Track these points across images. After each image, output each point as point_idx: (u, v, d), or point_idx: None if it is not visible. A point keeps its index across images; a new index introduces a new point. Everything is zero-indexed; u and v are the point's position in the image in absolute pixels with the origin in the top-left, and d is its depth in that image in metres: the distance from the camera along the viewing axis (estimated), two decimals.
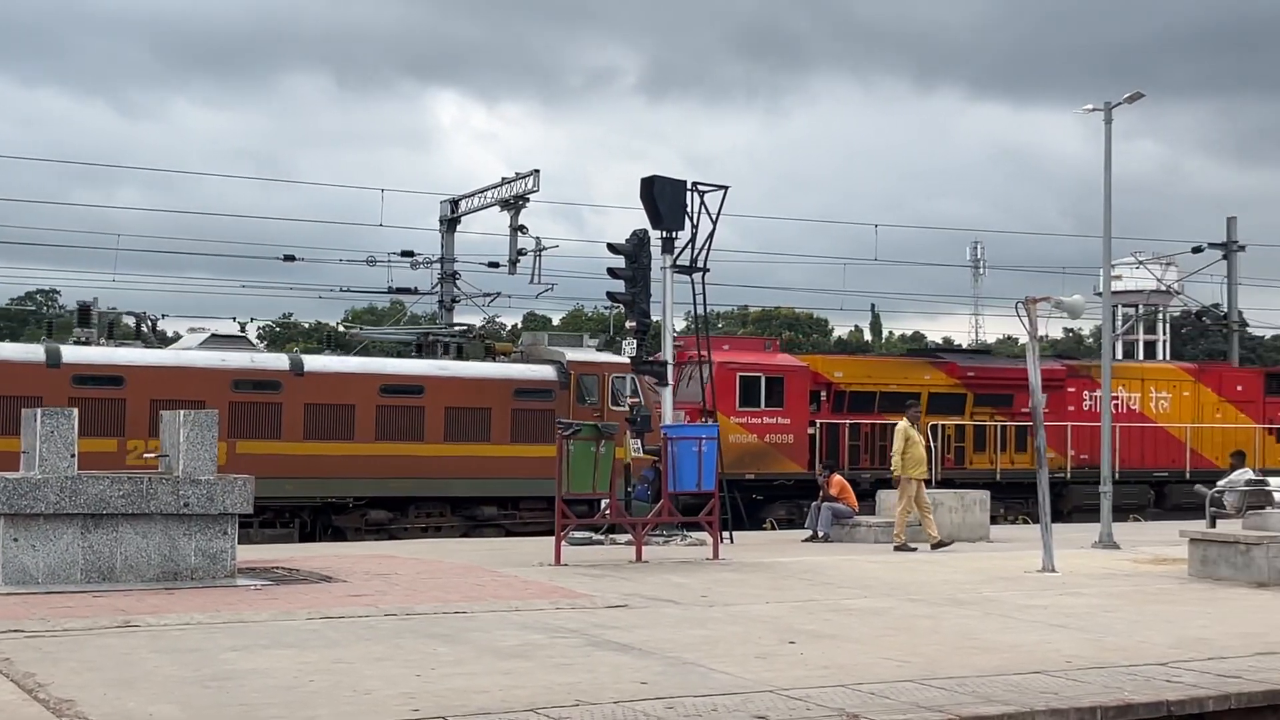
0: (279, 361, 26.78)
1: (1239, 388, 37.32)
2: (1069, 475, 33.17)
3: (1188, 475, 35.03)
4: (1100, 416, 33.50)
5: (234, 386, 25.20)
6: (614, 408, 27.67)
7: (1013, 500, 32.57)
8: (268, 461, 24.29)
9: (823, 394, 31.52)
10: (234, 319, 31.39)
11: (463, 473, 26.93)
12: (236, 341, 27.34)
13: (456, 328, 32.36)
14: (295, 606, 13.20)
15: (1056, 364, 35.31)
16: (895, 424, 31.10)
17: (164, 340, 30.31)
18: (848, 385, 31.84)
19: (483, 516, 27.28)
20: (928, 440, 32.69)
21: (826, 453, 30.54)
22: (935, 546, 21.27)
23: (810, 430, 30.72)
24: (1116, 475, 32.15)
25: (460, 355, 29.20)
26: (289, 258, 42.08)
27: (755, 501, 29.96)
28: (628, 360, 28.50)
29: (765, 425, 30.00)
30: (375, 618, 12.69)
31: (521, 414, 27.58)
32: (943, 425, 32.27)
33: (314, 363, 27.01)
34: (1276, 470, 35.61)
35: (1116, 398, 34.05)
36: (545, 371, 28.20)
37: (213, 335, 27.45)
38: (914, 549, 21.19)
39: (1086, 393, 34.58)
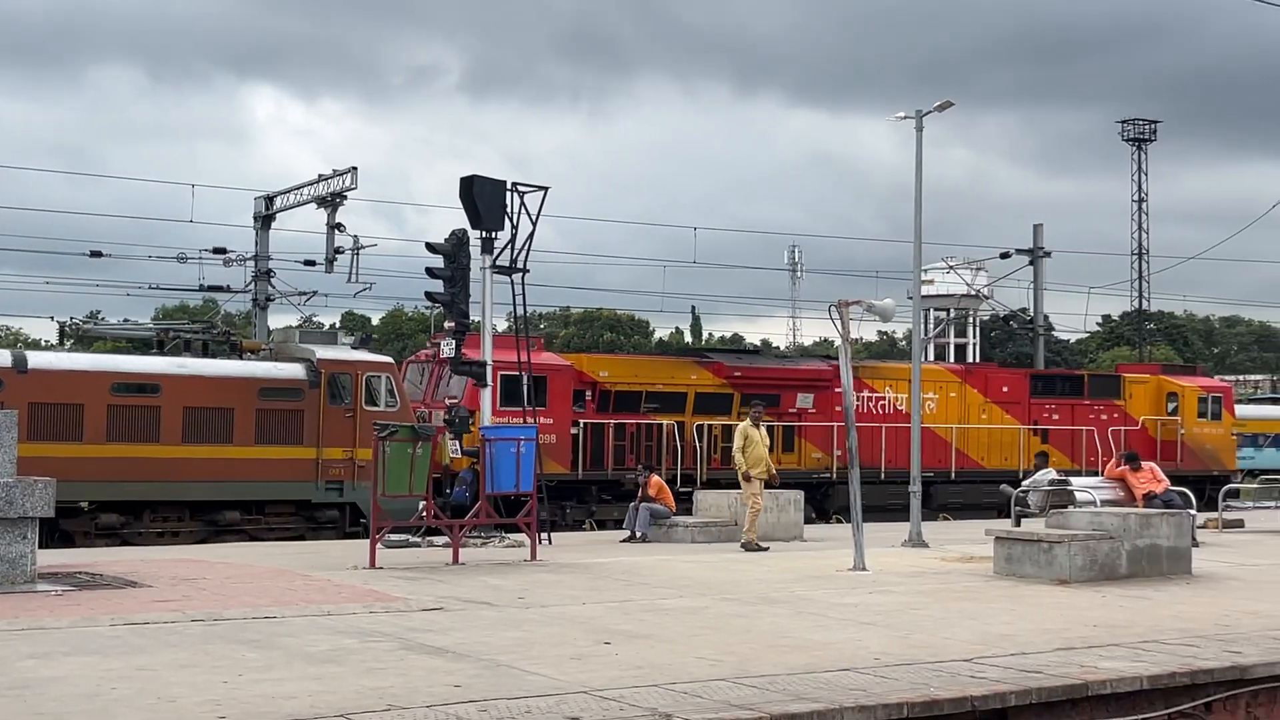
0: (0, 358, 25.39)
1: (1005, 389, 37.47)
2: (834, 475, 32.86)
3: (953, 475, 35.48)
4: (871, 417, 33.60)
5: None
6: (369, 407, 26.90)
7: None
8: None
9: (588, 393, 31.01)
10: None
11: (203, 475, 25.81)
12: None
13: (198, 324, 31.24)
14: (98, 612, 12.83)
15: (823, 363, 35.25)
16: (661, 424, 31.03)
17: None
18: (613, 385, 31.38)
19: (224, 521, 26.13)
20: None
21: (591, 453, 30.27)
22: (746, 547, 21.40)
23: (574, 430, 30.27)
24: (883, 475, 32.56)
25: (205, 353, 28.10)
26: (96, 254, 41.03)
27: (517, 502, 29.41)
28: (384, 360, 27.82)
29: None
30: (182, 623, 12.40)
31: (268, 414, 26.56)
32: (709, 425, 31.91)
33: (39, 360, 25.76)
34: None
35: (882, 398, 34.34)
36: (294, 370, 27.16)
37: None
38: (766, 548, 21.33)
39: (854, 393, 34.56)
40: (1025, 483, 25.11)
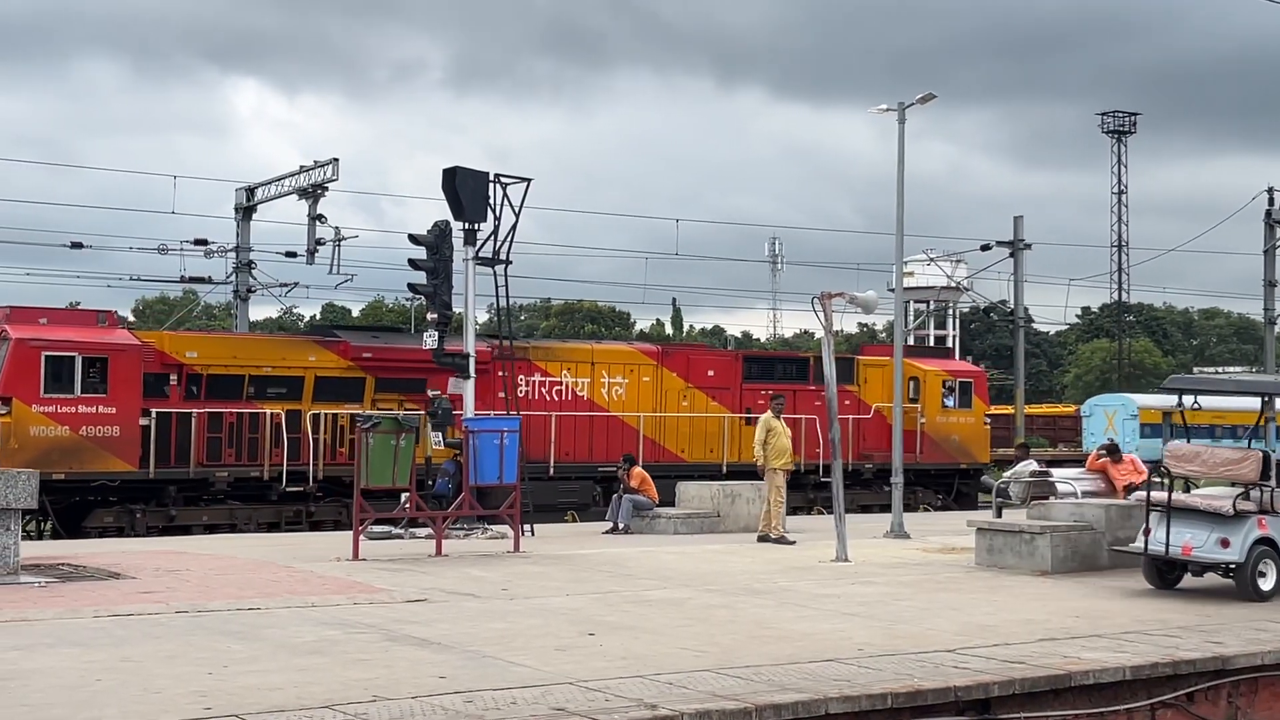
0: None
1: (711, 373, 33.15)
2: None
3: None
4: (542, 404, 30.35)
5: None
6: None
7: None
8: None
9: (173, 377, 27.09)
10: None
11: None
12: None
13: None
14: (81, 604, 12.82)
15: (480, 344, 29.38)
16: (268, 413, 27.26)
17: None
18: (206, 368, 27.30)
19: None
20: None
21: (177, 447, 26.52)
22: (776, 539, 21.07)
23: (145, 421, 26.17)
24: (552, 470, 29.66)
25: None
26: (77, 245, 40.93)
27: (76, 505, 26.07)
28: None
29: (81, 415, 25.42)
30: (166, 615, 12.38)
31: None
32: (335, 414, 28.28)
33: None
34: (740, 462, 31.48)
35: (558, 383, 31.08)
36: None
37: None
38: (793, 541, 21.02)
39: (523, 377, 29.94)
40: (1006, 474, 25.13)
